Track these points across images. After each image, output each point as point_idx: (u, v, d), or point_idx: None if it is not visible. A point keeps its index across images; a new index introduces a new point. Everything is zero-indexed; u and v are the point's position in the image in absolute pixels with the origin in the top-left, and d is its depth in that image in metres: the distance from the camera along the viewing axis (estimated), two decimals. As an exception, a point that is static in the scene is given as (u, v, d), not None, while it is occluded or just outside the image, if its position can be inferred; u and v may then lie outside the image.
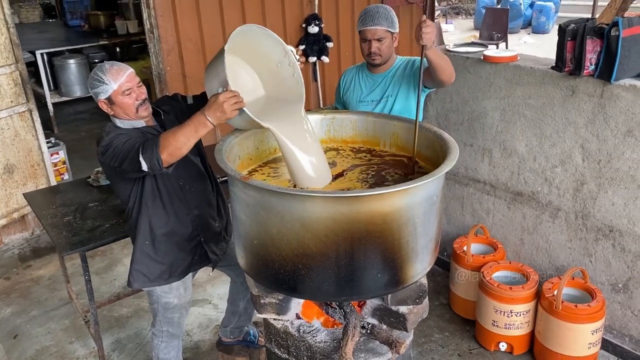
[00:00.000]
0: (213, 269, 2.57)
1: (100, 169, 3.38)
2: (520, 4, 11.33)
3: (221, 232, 2.49)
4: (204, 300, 3.51)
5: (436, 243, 1.90)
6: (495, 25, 8.62)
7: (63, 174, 4.71)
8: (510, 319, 2.83)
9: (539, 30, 11.20)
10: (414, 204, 1.70)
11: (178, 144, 1.90)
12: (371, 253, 1.69)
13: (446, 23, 12.49)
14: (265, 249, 1.77)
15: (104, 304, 3.33)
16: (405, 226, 1.70)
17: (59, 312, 3.48)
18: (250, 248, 1.84)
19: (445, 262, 3.43)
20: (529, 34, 11.36)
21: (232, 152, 1.98)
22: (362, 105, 2.64)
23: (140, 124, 2.19)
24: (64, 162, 4.73)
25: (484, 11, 9.57)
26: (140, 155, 1.93)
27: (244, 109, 1.81)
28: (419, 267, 1.81)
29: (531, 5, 11.59)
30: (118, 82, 2.07)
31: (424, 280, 1.98)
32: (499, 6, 10.93)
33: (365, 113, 2.35)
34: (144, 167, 1.94)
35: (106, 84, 2.07)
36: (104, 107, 2.15)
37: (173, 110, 2.33)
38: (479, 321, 2.99)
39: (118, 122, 2.18)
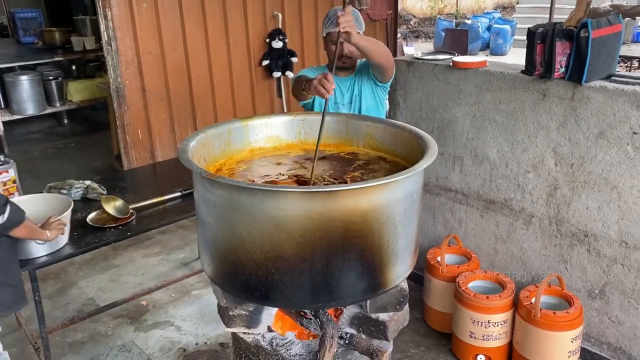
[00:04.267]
0: None
1: (53, 184, 3.18)
2: (478, 27, 11.61)
3: None
4: (165, 322, 3.30)
5: (416, 245, 1.80)
6: (455, 46, 8.75)
7: (13, 193, 4.42)
8: (488, 330, 2.74)
9: (496, 52, 11.48)
10: (394, 201, 1.60)
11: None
12: (350, 254, 1.57)
13: (407, 46, 12.67)
14: (234, 254, 1.62)
15: (57, 329, 3.08)
16: (385, 225, 1.59)
17: (6, 339, 3.19)
18: (217, 254, 1.70)
19: (418, 275, 3.32)
20: (487, 55, 11.61)
21: (196, 153, 1.84)
22: (335, 107, 2.57)
23: None
24: (14, 181, 4.43)
25: (443, 34, 9.76)
26: None
27: None
28: (400, 270, 1.70)
29: (488, 29, 11.90)
30: None
31: (405, 285, 1.87)
32: (458, 28, 11.17)
33: (337, 114, 2.26)
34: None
35: None
36: None
37: None
38: (455, 334, 2.89)
39: None
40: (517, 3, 14.84)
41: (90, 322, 3.26)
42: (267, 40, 5.08)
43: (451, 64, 3.04)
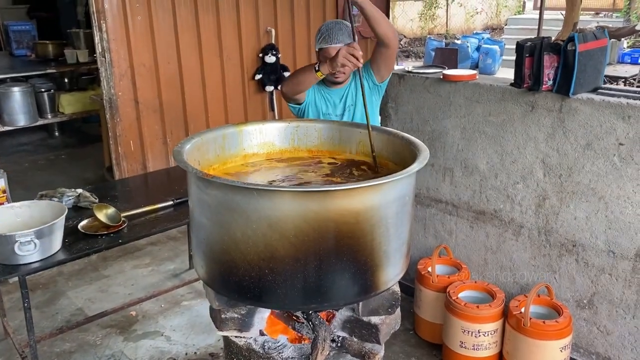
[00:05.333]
0: None
1: (44, 192, 3.17)
2: (468, 46, 11.79)
3: None
4: (155, 332, 3.28)
5: (408, 249, 1.82)
6: (445, 64, 8.89)
7: (2, 203, 4.39)
8: (478, 339, 2.75)
9: (485, 72, 11.63)
10: (386, 203, 1.62)
11: None
12: (343, 255, 1.58)
13: (397, 65, 12.87)
14: (228, 255, 1.63)
15: (45, 338, 3.06)
16: (377, 226, 1.62)
17: (-7, 349, 3.17)
18: (211, 255, 1.71)
19: (409, 287, 3.34)
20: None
21: (191, 156, 1.86)
22: (327, 117, 2.61)
23: None
24: (4, 192, 4.42)
25: (433, 53, 9.91)
26: None
27: None
28: (392, 273, 1.72)
29: (477, 49, 12.08)
30: None
31: (397, 288, 1.89)
32: (447, 47, 11.35)
33: (331, 121, 2.30)
34: None
35: None
36: None
37: None
38: (446, 344, 2.90)
39: None
40: (506, 24, 15.11)
41: (78, 332, 3.23)
42: (260, 54, 5.14)
43: (441, 77, 3.09)
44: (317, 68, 2.31)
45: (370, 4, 2.25)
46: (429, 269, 3.05)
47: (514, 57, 2.74)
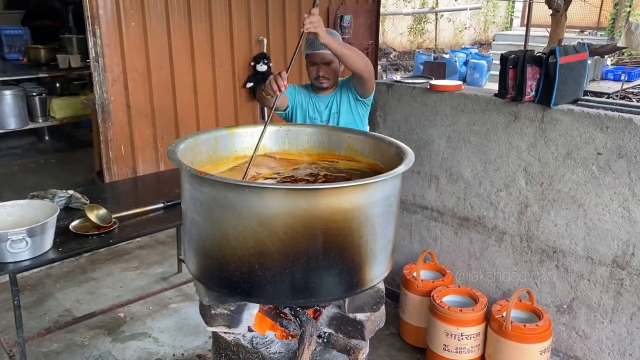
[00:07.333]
0: None
1: (35, 193, 3.20)
2: (456, 61, 11.98)
3: None
4: (143, 334, 3.30)
5: (393, 248, 1.89)
6: (433, 77, 9.04)
7: (-8, 204, 4.40)
8: (461, 342, 2.82)
9: (473, 85, 11.83)
10: (373, 203, 1.69)
11: None
12: (330, 252, 1.65)
13: (386, 78, 13.02)
14: (219, 250, 1.69)
15: (33, 338, 3.06)
16: (364, 225, 1.68)
17: (-20, 349, 3.18)
18: (202, 251, 1.76)
19: (394, 292, 3.41)
20: (464, 89, 11.93)
21: (184, 156, 1.92)
22: (312, 122, 2.70)
23: None
24: (-6, 193, 4.44)
25: (422, 67, 10.07)
26: None
27: None
28: (377, 270, 1.78)
29: (465, 63, 12.26)
30: None
31: (382, 286, 1.95)
32: (436, 61, 11.52)
33: (320, 126, 2.37)
34: None
35: None
36: None
37: None
38: (430, 347, 2.96)
39: None
40: (494, 40, 15.35)
41: (66, 332, 3.25)
42: (252, 63, 5.22)
43: (428, 87, 3.19)
44: (262, 88, 2.38)
45: (334, 43, 2.32)
46: (414, 274, 3.12)
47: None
